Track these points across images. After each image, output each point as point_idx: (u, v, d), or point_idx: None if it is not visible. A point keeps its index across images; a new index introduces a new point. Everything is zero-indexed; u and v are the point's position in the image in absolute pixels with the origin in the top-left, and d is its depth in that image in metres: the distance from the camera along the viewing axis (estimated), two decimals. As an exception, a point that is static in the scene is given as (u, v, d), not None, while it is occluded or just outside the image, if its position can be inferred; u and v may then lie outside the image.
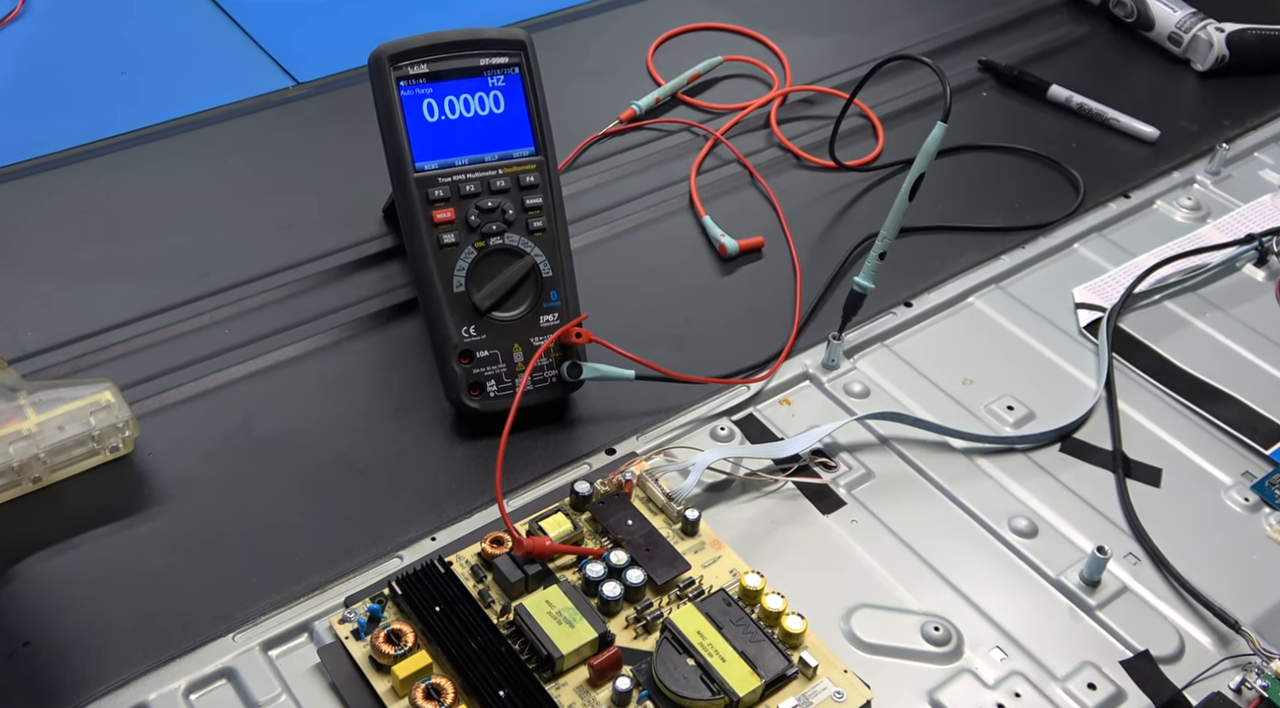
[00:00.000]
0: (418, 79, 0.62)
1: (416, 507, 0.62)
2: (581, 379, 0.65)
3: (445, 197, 0.63)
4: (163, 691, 0.53)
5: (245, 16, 1.04)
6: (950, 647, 0.57)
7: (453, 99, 0.63)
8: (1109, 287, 0.78)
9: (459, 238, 0.63)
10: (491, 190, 0.63)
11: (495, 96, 0.63)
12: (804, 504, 0.63)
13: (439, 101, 0.63)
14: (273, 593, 0.57)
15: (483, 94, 0.63)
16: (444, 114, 0.63)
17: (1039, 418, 0.69)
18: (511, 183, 0.64)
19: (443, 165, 0.63)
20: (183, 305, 0.73)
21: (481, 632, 0.53)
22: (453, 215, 0.63)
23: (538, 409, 0.66)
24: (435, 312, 0.63)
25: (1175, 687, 0.56)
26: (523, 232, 0.64)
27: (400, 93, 0.62)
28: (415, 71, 0.62)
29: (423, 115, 0.63)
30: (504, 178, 0.63)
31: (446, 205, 0.63)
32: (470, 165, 0.63)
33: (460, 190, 0.63)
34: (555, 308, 0.65)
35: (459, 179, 0.63)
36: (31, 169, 0.84)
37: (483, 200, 0.63)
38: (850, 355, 0.72)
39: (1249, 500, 0.65)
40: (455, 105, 0.63)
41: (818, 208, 0.84)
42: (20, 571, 0.58)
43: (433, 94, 0.63)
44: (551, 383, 0.65)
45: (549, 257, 0.65)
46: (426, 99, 0.63)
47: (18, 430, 0.60)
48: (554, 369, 0.65)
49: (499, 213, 0.63)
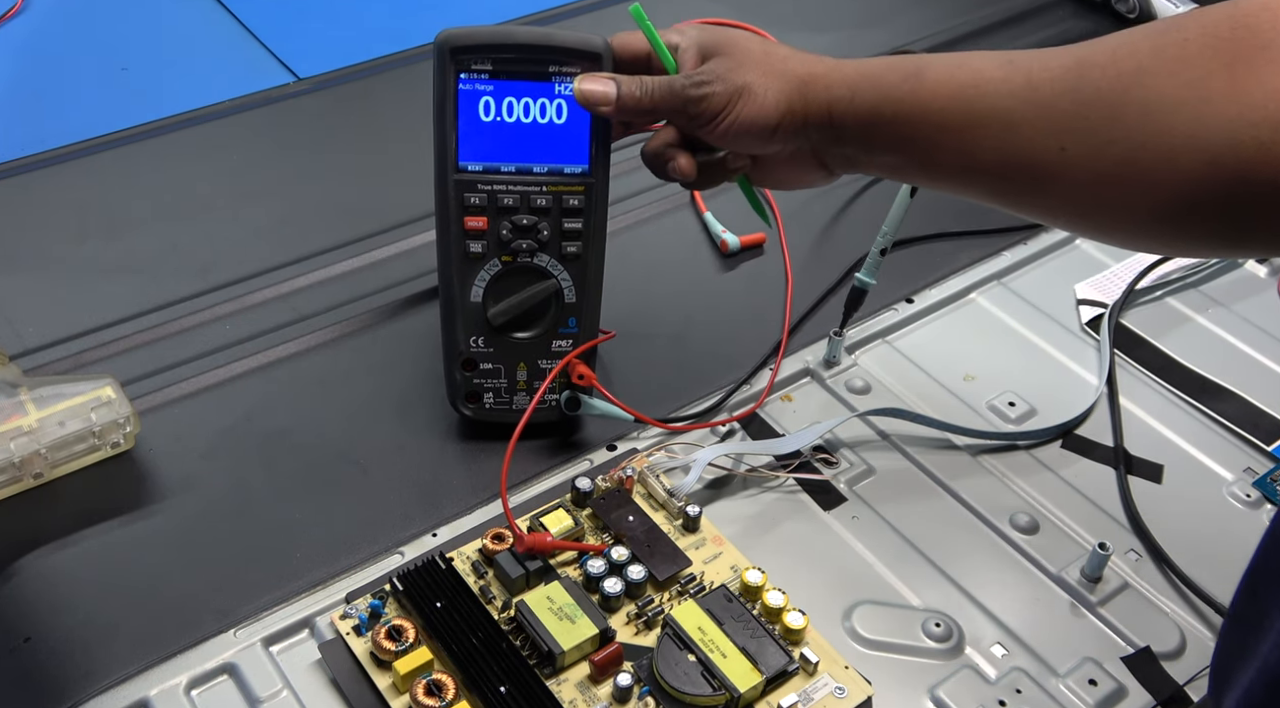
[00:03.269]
0: (480, 74, 0.58)
1: (417, 503, 0.62)
2: (580, 413, 0.64)
3: (481, 205, 0.59)
4: (164, 686, 0.53)
5: (246, 12, 1.04)
6: (951, 643, 0.57)
7: (513, 101, 0.58)
8: (1110, 283, 0.78)
9: (486, 250, 0.60)
10: (530, 208, 0.59)
11: (559, 106, 0.58)
12: (805, 500, 0.63)
13: (497, 101, 0.58)
14: (274, 589, 0.57)
15: (545, 101, 0.58)
16: (500, 116, 0.58)
17: (1040, 414, 0.69)
18: (554, 202, 0.59)
19: (487, 168, 0.59)
20: (184, 301, 0.73)
21: (483, 628, 0.53)
22: (485, 225, 0.60)
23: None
24: (448, 314, 0.62)
25: (1176, 683, 0.56)
26: (555, 254, 0.60)
27: (459, 86, 0.58)
28: (479, 66, 0.58)
29: (477, 113, 0.58)
30: (546, 196, 0.59)
31: (481, 214, 0.60)
32: (516, 174, 0.59)
33: (498, 202, 0.59)
34: (571, 334, 0.63)
35: (499, 189, 0.59)
36: (32, 165, 0.84)
37: (519, 217, 0.59)
38: (852, 351, 0.72)
39: (1250, 496, 0.65)
40: (514, 108, 0.58)
41: (819, 204, 0.83)
42: (21, 567, 0.58)
43: (493, 93, 0.58)
44: (553, 406, 0.64)
45: (576, 283, 0.61)
46: (485, 97, 0.58)
47: (19, 426, 0.60)
48: (557, 394, 0.64)
49: (533, 232, 0.60)
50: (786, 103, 0.52)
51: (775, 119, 0.53)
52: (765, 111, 0.52)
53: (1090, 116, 0.46)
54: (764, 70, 0.53)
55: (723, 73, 0.53)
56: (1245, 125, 0.42)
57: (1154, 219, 0.46)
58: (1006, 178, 0.49)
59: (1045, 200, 0.49)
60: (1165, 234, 0.47)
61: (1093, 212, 0.48)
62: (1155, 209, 0.46)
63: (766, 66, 0.53)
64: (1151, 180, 0.45)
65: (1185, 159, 0.44)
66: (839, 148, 0.54)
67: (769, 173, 0.58)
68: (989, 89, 0.49)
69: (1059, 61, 0.47)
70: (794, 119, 0.53)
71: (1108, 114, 0.45)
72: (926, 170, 0.53)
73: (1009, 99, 0.48)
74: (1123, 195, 0.46)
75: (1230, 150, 0.42)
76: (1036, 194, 0.49)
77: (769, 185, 0.60)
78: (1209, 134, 0.43)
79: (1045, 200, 0.49)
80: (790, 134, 0.53)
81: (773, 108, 0.52)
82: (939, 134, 0.50)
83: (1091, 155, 0.46)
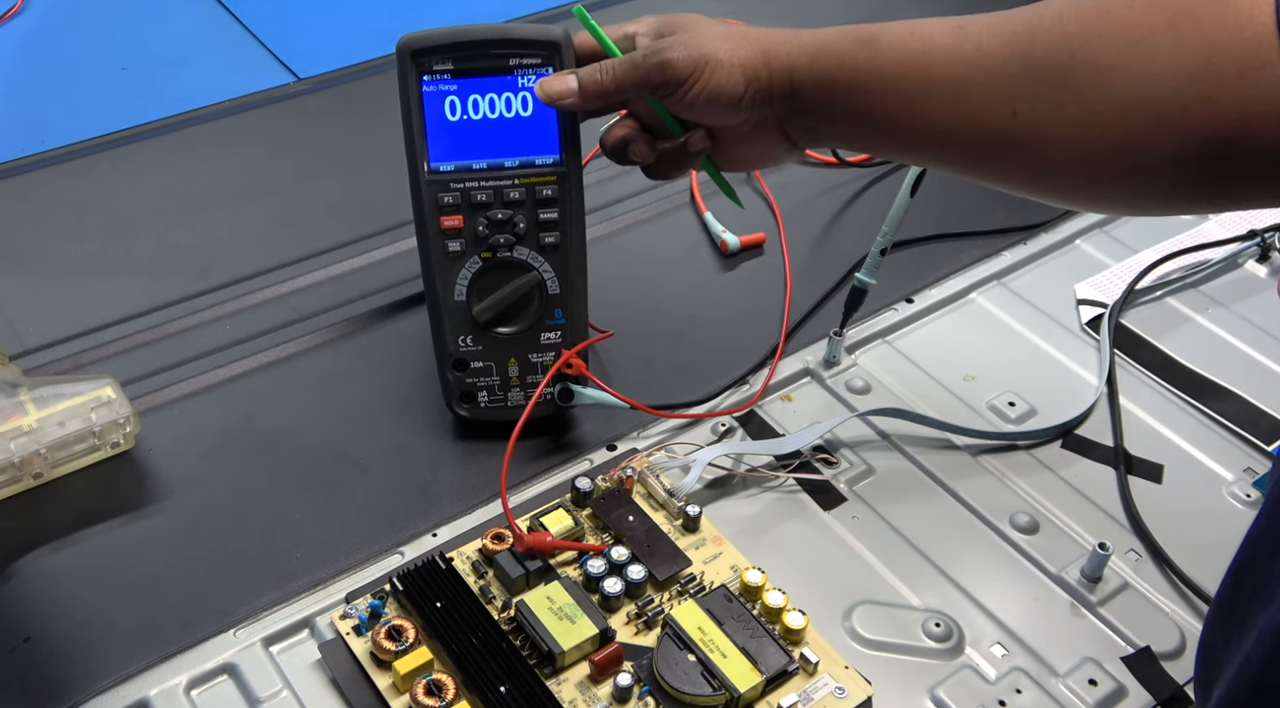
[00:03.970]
0: (442, 74, 0.59)
1: (417, 503, 0.62)
2: (573, 405, 0.64)
3: (455, 204, 0.60)
4: (164, 686, 0.53)
5: (246, 12, 1.04)
6: (951, 643, 0.57)
7: (477, 98, 0.59)
8: (1110, 283, 0.78)
9: (465, 247, 0.61)
10: (504, 202, 0.60)
11: (524, 98, 0.59)
12: (805, 500, 0.63)
13: (462, 100, 0.59)
14: (274, 589, 0.57)
15: (510, 95, 0.59)
16: (466, 114, 0.59)
17: (1040, 414, 0.69)
18: (527, 195, 0.60)
19: (459, 167, 0.60)
20: (184, 301, 0.73)
21: (483, 628, 0.53)
22: (461, 223, 0.60)
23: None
24: (435, 317, 0.62)
25: (1176, 683, 0.56)
26: (534, 245, 0.61)
27: (422, 88, 0.59)
28: (440, 67, 0.59)
29: (444, 113, 0.59)
30: (519, 189, 0.60)
31: (456, 212, 0.60)
32: (488, 171, 0.60)
33: (472, 199, 0.60)
34: (559, 326, 0.63)
35: (472, 187, 0.60)
36: (33, 165, 0.84)
37: (494, 212, 0.60)
38: (852, 351, 0.72)
39: (1250, 496, 0.65)
40: (480, 105, 0.59)
41: (819, 204, 0.83)
42: (21, 567, 0.58)
43: (457, 92, 0.59)
44: (547, 400, 0.64)
45: (558, 273, 0.62)
46: (449, 97, 0.59)
47: (19, 426, 0.60)
48: (550, 388, 0.64)
49: (509, 226, 0.61)
50: (752, 70, 0.53)
51: (741, 86, 0.53)
52: (733, 79, 0.52)
53: (1039, 80, 0.46)
54: (726, 41, 0.53)
55: (684, 42, 0.53)
56: (1188, 81, 0.42)
57: (1110, 180, 0.46)
58: (961, 144, 0.49)
59: (1001, 166, 0.49)
60: (1123, 195, 0.47)
61: (1049, 175, 0.48)
62: (1111, 170, 0.46)
63: (727, 36, 0.53)
64: (1105, 142, 0.45)
65: (1136, 119, 0.43)
66: (801, 119, 0.54)
67: (732, 151, 0.58)
68: (939, 56, 0.49)
69: (1008, 26, 0.47)
70: (759, 87, 0.53)
71: (1057, 78, 0.45)
72: (884, 139, 0.52)
73: (959, 65, 0.48)
74: (1077, 158, 0.46)
75: (1177, 107, 0.42)
76: (992, 160, 0.49)
77: (733, 167, 0.60)
78: (1156, 93, 0.43)
79: (1001, 166, 0.49)
80: (756, 104, 0.53)
81: (740, 75, 0.52)
82: (893, 101, 0.50)
83: (1042, 119, 0.46)
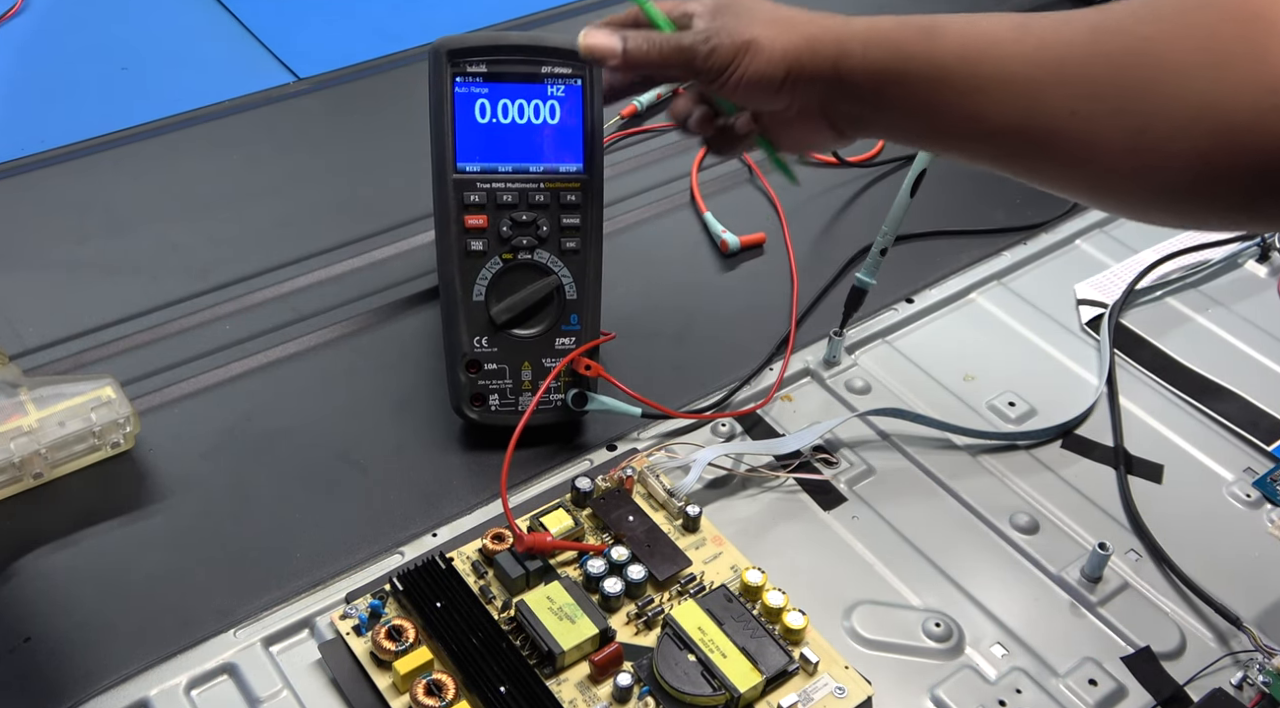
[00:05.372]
0: (474, 77, 0.60)
1: (417, 503, 0.62)
2: (586, 410, 0.64)
3: (480, 203, 0.61)
4: (164, 687, 0.53)
5: (246, 12, 1.04)
6: (951, 643, 0.57)
7: (507, 103, 0.60)
8: (1111, 283, 0.78)
9: (487, 247, 0.61)
10: (529, 204, 0.61)
11: (552, 106, 0.61)
12: (805, 501, 0.63)
13: (492, 103, 0.60)
14: (274, 589, 0.57)
15: (539, 102, 0.61)
16: (495, 117, 0.60)
17: (1040, 414, 0.69)
18: (551, 199, 0.61)
19: (485, 169, 0.61)
20: (184, 301, 0.73)
21: (483, 628, 0.53)
22: (485, 223, 0.61)
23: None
24: (451, 316, 0.62)
25: (1176, 683, 0.56)
26: (554, 250, 0.62)
27: (454, 89, 0.60)
28: (474, 69, 0.60)
29: (473, 115, 0.60)
30: (544, 193, 0.61)
31: (480, 211, 0.61)
32: (513, 174, 0.61)
33: (497, 199, 0.61)
34: (573, 331, 0.63)
35: (498, 187, 0.61)
36: (32, 165, 0.84)
37: (518, 213, 0.61)
38: (852, 351, 0.72)
39: (1250, 497, 0.65)
40: (509, 110, 0.60)
41: (819, 204, 0.83)
42: (21, 567, 0.58)
43: (488, 95, 0.60)
44: (558, 406, 0.64)
45: (576, 279, 0.62)
46: (480, 99, 0.60)
47: (19, 426, 0.60)
48: (562, 394, 0.64)
49: (533, 228, 0.61)
50: (795, 56, 0.52)
51: (782, 72, 0.52)
52: (773, 64, 0.52)
53: (1100, 81, 0.45)
54: (771, 25, 0.53)
55: (729, 27, 0.53)
56: (1267, 92, 0.41)
57: (1169, 190, 0.45)
58: (1013, 142, 0.48)
59: (1055, 168, 0.48)
60: (1182, 208, 0.46)
61: (1105, 181, 0.47)
62: (1171, 181, 0.44)
63: (773, 21, 0.53)
64: (1167, 151, 0.44)
65: (1202, 129, 0.42)
66: (847, 105, 0.53)
67: (779, 134, 0.58)
68: (1000, 51, 0.48)
69: (1073, 27, 0.47)
70: (801, 72, 0.52)
71: (1120, 80, 0.44)
72: (933, 131, 0.52)
73: (1019, 62, 0.47)
74: (1137, 166, 0.45)
75: (1253, 118, 0.41)
76: (1046, 160, 0.48)
77: (785, 149, 0.59)
78: (1229, 102, 0.42)
79: (1055, 168, 0.48)
80: (797, 89, 0.53)
81: (780, 60, 0.52)
82: (948, 93, 0.49)
83: (1103, 122, 0.45)
